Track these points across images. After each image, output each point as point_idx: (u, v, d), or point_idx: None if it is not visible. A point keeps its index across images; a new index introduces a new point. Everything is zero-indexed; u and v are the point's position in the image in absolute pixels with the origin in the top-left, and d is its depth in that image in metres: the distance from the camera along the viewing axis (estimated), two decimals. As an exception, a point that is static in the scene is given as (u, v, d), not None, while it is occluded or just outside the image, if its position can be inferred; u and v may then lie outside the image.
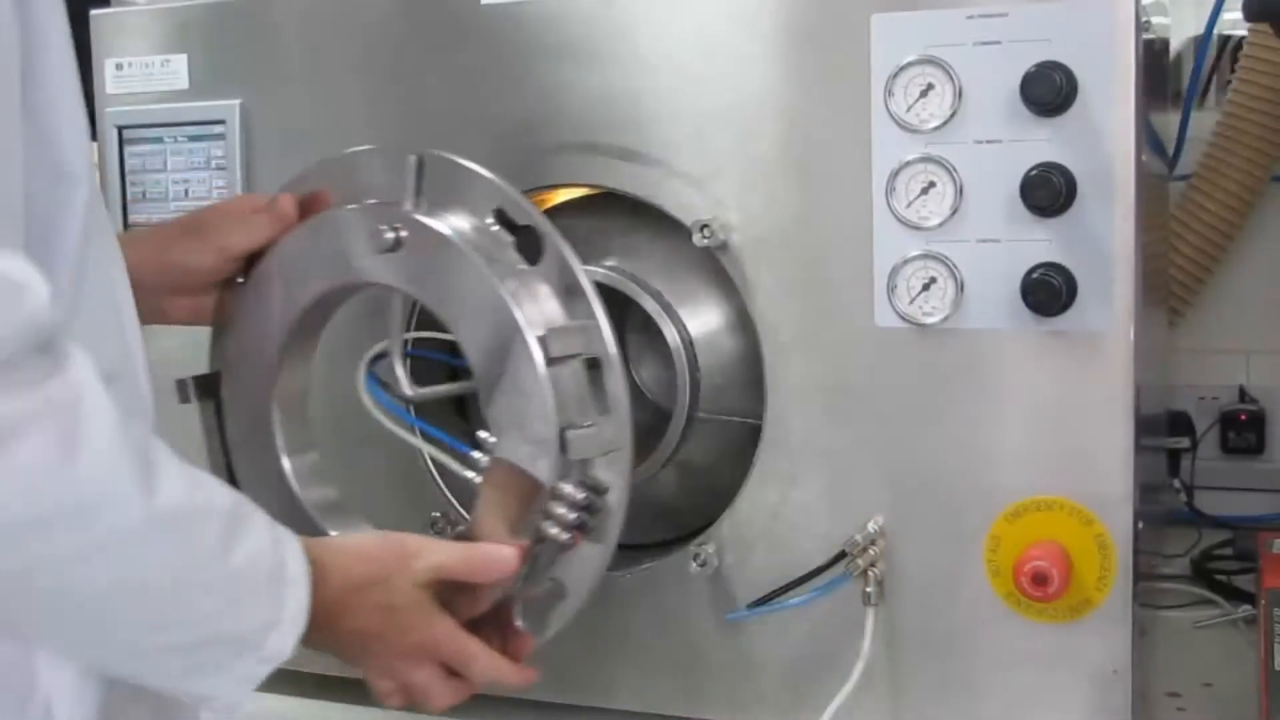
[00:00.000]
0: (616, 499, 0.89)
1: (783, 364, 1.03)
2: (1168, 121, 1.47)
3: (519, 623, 0.89)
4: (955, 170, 0.96)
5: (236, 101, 1.18)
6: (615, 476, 0.89)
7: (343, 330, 1.01)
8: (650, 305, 1.08)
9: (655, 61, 1.04)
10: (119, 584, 0.67)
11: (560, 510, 0.87)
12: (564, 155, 1.07)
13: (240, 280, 0.98)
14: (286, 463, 0.97)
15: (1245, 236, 1.55)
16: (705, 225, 1.02)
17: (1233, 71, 1.50)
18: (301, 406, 0.99)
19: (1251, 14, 1.21)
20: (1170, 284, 1.54)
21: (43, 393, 0.61)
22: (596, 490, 0.88)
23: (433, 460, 1.11)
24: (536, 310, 0.88)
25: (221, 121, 1.19)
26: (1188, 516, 1.51)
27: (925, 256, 0.98)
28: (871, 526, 1.01)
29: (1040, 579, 0.94)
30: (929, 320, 0.98)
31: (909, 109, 0.97)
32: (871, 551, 1.00)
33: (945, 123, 0.96)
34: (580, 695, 1.13)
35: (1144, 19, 0.97)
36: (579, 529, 0.88)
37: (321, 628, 0.77)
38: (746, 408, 1.07)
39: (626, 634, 1.10)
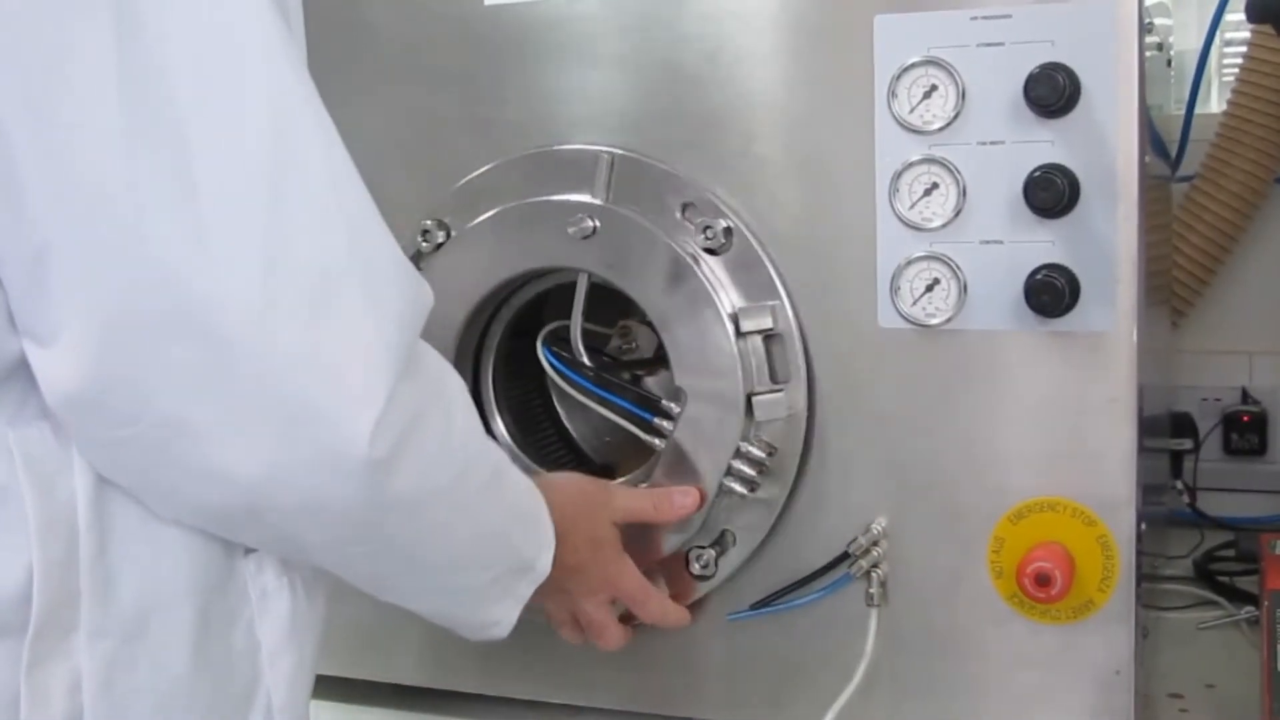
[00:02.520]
0: (790, 459, 1.02)
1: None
2: (1171, 122, 1.47)
3: (693, 569, 1.04)
4: (958, 171, 0.96)
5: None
6: (789, 441, 1.02)
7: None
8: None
9: (659, 63, 1.04)
10: (477, 529, 0.80)
11: (740, 466, 1.00)
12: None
13: None
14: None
15: (1248, 238, 1.55)
16: (708, 227, 1.02)
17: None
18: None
19: (1254, 15, 1.21)
20: (1173, 285, 1.54)
21: (429, 377, 0.72)
22: (770, 451, 1.01)
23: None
24: (724, 291, 1.01)
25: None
26: (1190, 518, 1.51)
27: (928, 258, 0.98)
28: (875, 527, 1.01)
29: (1043, 580, 0.94)
30: (932, 321, 0.98)
31: (912, 110, 0.97)
32: (875, 552, 1.00)
33: (948, 124, 0.96)
34: (581, 695, 1.13)
35: (1147, 20, 0.97)
36: (752, 486, 1.01)
37: None
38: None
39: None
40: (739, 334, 1.00)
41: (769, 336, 1.01)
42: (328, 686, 1.14)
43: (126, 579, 0.70)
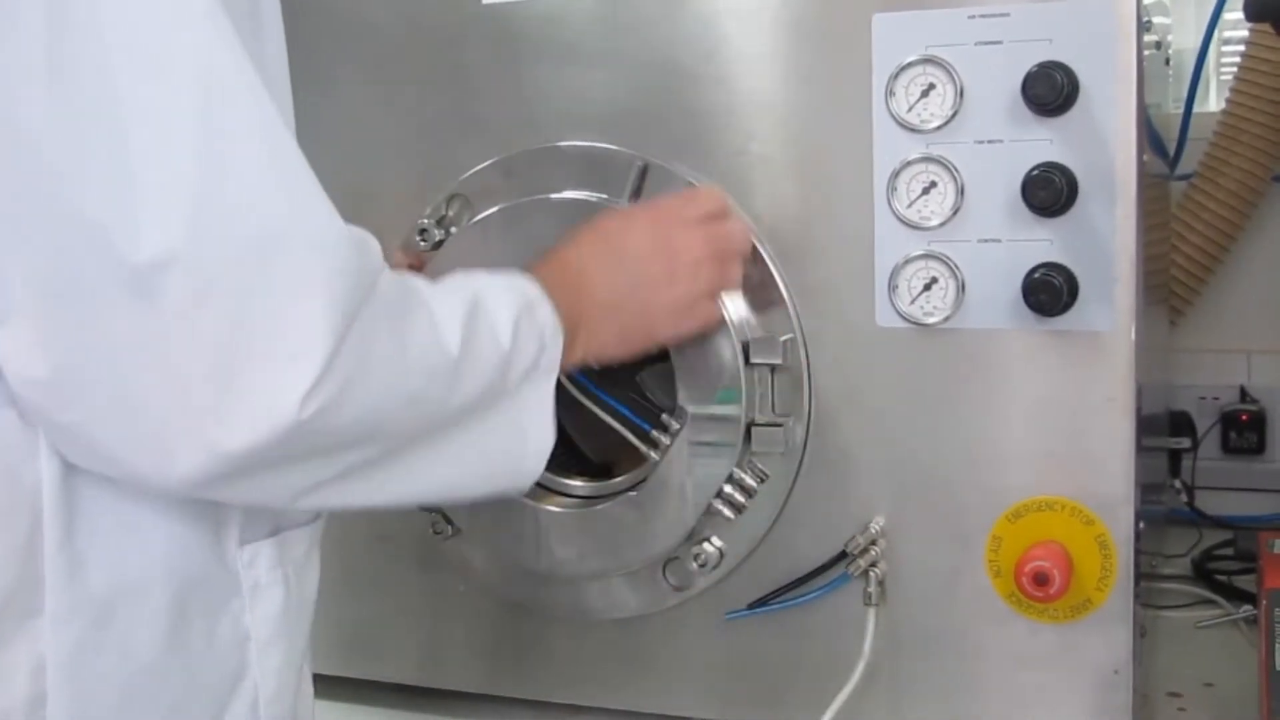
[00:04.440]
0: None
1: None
2: (1169, 121, 1.47)
3: (691, 565, 1.06)
4: (956, 170, 0.96)
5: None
6: (778, 472, 1.03)
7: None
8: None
9: (657, 61, 1.04)
10: (465, 411, 0.79)
11: (731, 491, 1.02)
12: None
13: None
14: None
15: (1246, 236, 1.55)
16: (707, 225, 1.01)
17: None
18: None
19: (1252, 14, 1.21)
20: (1171, 284, 1.54)
21: (376, 314, 0.70)
22: (762, 479, 1.02)
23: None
24: (740, 315, 1.01)
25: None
26: (1188, 516, 1.51)
27: (926, 256, 0.98)
28: (873, 526, 1.01)
29: (1041, 579, 0.94)
30: (930, 320, 0.98)
31: (910, 109, 0.97)
32: (873, 551, 1.00)
33: (946, 122, 0.96)
34: (580, 695, 1.13)
35: (1145, 19, 0.97)
36: (739, 510, 1.02)
37: (607, 267, 0.93)
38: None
39: (626, 633, 1.10)
40: (748, 363, 1.00)
41: (776, 369, 1.01)
42: (328, 686, 1.14)
43: (94, 565, 0.70)
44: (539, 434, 0.86)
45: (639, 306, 0.95)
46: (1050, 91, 0.91)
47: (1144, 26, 0.95)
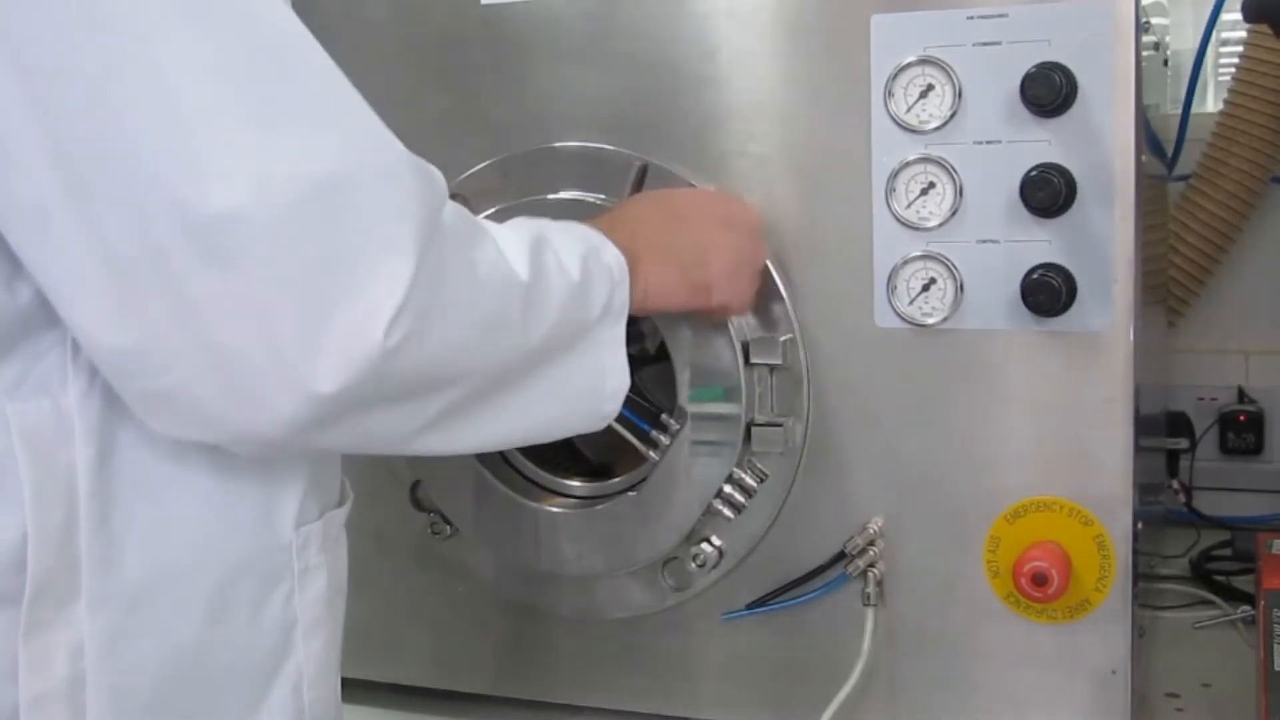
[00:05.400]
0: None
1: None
2: (1167, 122, 1.47)
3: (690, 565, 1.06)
4: (955, 171, 0.96)
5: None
6: (777, 472, 1.03)
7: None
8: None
9: (655, 62, 1.04)
10: (546, 331, 0.79)
11: (731, 491, 1.02)
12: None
13: None
14: None
15: (1244, 237, 1.55)
16: (705, 226, 1.01)
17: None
18: None
19: (1250, 15, 1.21)
20: (1169, 285, 1.54)
21: (446, 247, 0.70)
22: (762, 478, 1.03)
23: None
24: (740, 317, 1.01)
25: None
26: (1186, 517, 1.51)
27: (925, 257, 0.98)
28: (871, 527, 1.01)
29: (1040, 579, 0.94)
30: (929, 321, 0.98)
31: (909, 109, 0.97)
32: (871, 552, 1.01)
33: (945, 123, 0.96)
34: (579, 695, 1.13)
35: (1144, 20, 0.97)
36: (739, 510, 1.02)
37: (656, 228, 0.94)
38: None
39: (624, 634, 1.10)
40: (747, 363, 1.00)
41: (775, 369, 1.01)
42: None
43: (131, 551, 0.70)
44: (616, 374, 0.87)
45: (695, 251, 0.95)
46: (1049, 92, 0.91)
47: (1142, 27, 0.95)
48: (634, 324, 1.12)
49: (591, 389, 0.86)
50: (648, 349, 1.11)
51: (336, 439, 0.70)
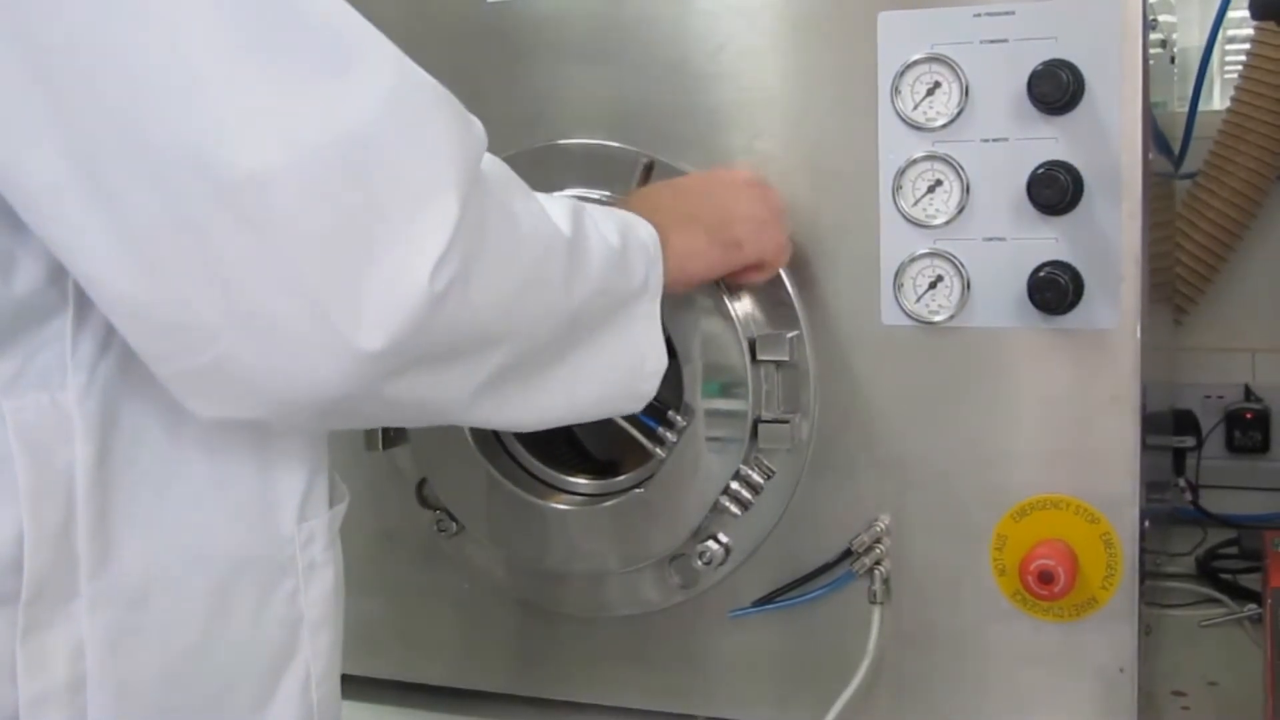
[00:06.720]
0: (785, 483, 1.03)
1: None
2: (1174, 120, 1.47)
3: (697, 563, 1.06)
4: (962, 168, 0.96)
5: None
6: (784, 468, 1.03)
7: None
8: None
9: (661, 59, 1.04)
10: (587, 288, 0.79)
11: (738, 488, 1.02)
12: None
13: None
14: None
15: (1251, 235, 1.55)
16: (712, 223, 1.01)
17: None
18: None
19: (1257, 12, 1.21)
20: (1176, 282, 1.54)
21: (486, 199, 0.69)
22: (769, 475, 1.03)
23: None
24: (746, 312, 1.01)
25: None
26: (1193, 515, 1.51)
27: (932, 254, 0.98)
28: (878, 524, 1.01)
29: (1046, 577, 0.94)
30: (935, 318, 0.98)
31: (915, 107, 0.97)
32: (877, 549, 1.01)
33: (952, 121, 0.96)
34: (585, 692, 1.13)
35: (1151, 17, 0.97)
36: (746, 506, 1.03)
37: (677, 201, 0.95)
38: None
39: (631, 631, 1.10)
40: (754, 360, 1.01)
41: (782, 366, 1.01)
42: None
43: (129, 549, 0.69)
44: (655, 354, 0.88)
45: (717, 213, 0.96)
46: (1056, 90, 0.91)
47: (1149, 25, 0.95)
48: None
49: (631, 366, 0.86)
50: None
51: (386, 409, 0.69)
